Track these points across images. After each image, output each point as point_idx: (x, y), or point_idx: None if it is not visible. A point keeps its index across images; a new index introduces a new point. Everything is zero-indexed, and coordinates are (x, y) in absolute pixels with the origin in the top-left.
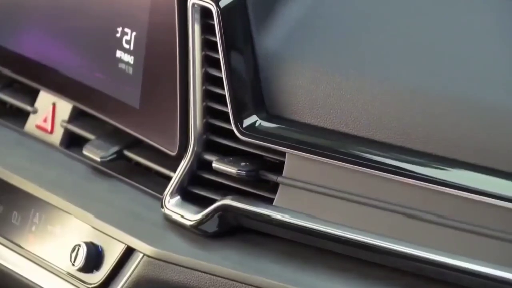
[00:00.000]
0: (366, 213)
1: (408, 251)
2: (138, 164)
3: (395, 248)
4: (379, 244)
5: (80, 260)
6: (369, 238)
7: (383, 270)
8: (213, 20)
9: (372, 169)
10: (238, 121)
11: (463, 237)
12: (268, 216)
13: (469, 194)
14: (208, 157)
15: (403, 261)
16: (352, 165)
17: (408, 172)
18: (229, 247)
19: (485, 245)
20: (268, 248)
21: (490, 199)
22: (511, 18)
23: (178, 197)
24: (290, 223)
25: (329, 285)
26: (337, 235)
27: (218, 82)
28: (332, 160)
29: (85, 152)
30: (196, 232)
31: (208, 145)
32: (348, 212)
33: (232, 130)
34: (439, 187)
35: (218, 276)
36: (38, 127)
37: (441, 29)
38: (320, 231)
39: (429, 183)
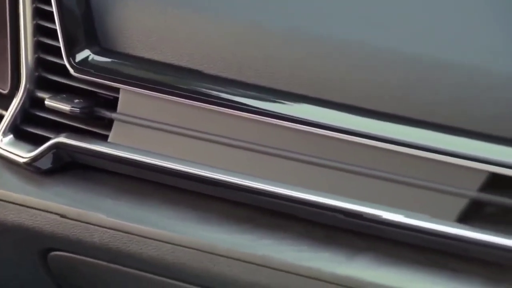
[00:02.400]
0: (203, 148)
1: (242, 183)
2: None
3: (228, 180)
4: (213, 176)
5: None
6: (203, 171)
7: (220, 202)
8: None
9: (208, 103)
10: (70, 55)
11: (309, 170)
12: (102, 152)
13: (310, 127)
14: (41, 94)
15: (238, 193)
16: (187, 100)
17: (242, 106)
18: (63, 184)
19: (333, 178)
20: (104, 184)
21: (333, 132)
22: None
23: (11, 135)
24: (123, 158)
25: (164, 220)
26: (171, 169)
27: (49, 16)
28: (167, 95)
29: None
30: (30, 170)
31: (41, 82)
32: (184, 147)
33: (65, 66)
34: (269, 118)
35: (51, 213)
36: None
37: None
38: (154, 165)
39: (260, 116)
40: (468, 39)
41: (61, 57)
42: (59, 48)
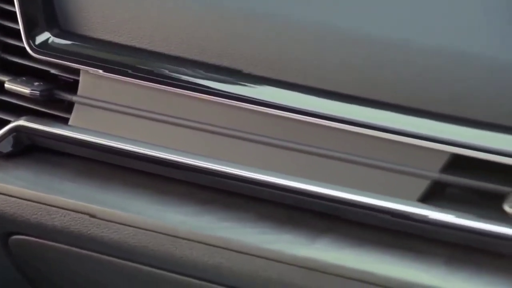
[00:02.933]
0: (164, 130)
1: (203, 165)
2: None
3: (189, 162)
4: (173, 158)
5: None
6: (163, 154)
7: (180, 185)
8: None
9: (168, 85)
10: (30, 38)
11: (270, 152)
12: (62, 135)
13: (271, 109)
14: (0, 77)
15: (199, 175)
16: (148, 82)
17: (203, 88)
18: (24, 167)
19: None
20: (65, 167)
21: (293, 114)
22: None
23: None
24: (84, 141)
25: (125, 203)
26: (131, 151)
27: None
28: (127, 78)
29: None
30: None
31: (1, 65)
32: (145, 129)
33: (25, 49)
34: (231, 100)
35: (12, 196)
36: None
37: None
38: (115, 148)
39: (222, 98)
40: (425, 18)
41: (21, 39)
42: (19, 30)
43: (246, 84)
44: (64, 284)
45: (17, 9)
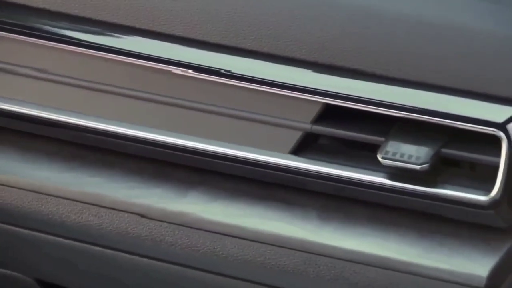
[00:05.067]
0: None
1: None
2: None
3: (53, 117)
4: (34, 114)
5: None
6: (25, 109)
7: (46, 141)
8: None
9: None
10: None
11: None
12: None
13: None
14: None
15: (64, 131)
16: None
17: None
18: None
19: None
20: None
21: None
22: None
23: None
24: None
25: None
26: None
27: None
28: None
29: None
30: None
31: None
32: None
33: None
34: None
35: None
36: None
37: None
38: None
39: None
40: None
41: None
42: None
43: (104, 34)
44: None
45: None
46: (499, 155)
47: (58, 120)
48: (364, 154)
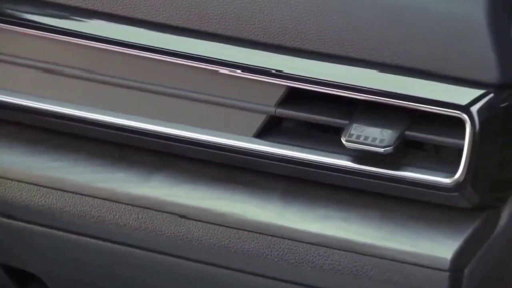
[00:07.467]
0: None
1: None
2: None
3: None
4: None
5: None
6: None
7: (9, 126)
8: None
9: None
10: None
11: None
12: None
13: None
14: None
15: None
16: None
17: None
18: None
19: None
20: None
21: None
22: None
23: None
24: None
25: None
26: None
27: None
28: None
29: None
30: None
31: None
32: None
33: None
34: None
35: None
36: None
37: None
38: None
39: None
40: None
41: None
42: None
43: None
44: None
45: None
46: (463, 138)
47: (21, 105)
48: (328, 137)
